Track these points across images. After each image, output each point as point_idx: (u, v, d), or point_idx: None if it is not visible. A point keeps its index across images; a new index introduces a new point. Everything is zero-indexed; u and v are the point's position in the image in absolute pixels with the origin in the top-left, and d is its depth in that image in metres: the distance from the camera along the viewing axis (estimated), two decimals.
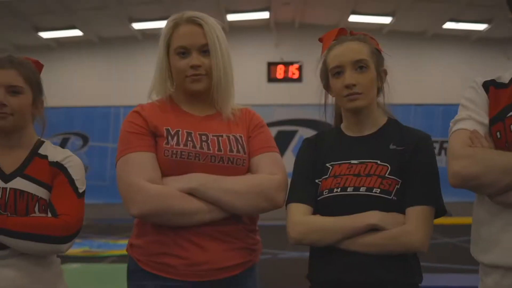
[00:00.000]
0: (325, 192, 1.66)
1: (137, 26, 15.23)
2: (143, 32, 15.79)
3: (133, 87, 16.32)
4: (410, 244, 1.57)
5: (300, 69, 16.26)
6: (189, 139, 1.69)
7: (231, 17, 15.17)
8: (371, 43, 1.73)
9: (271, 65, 16.22)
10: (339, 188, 1.64)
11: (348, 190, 1.63)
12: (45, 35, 15.27)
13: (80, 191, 1.71)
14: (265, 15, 15.27)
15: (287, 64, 16.18)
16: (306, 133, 14.32)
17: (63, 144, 15.41)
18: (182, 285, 1.66)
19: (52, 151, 1.75)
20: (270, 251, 8.53)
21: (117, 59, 16.22)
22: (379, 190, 1.61)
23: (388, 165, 1.63)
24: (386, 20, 15.18)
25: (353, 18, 15.21)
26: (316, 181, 1.68)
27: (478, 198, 1.59)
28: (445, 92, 13.78)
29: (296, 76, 16.23)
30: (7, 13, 13.50)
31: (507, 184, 1.46)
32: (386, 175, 1.63)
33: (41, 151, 1.74)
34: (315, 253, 1.69)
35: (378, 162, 1.64)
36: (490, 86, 1.62)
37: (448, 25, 15.23)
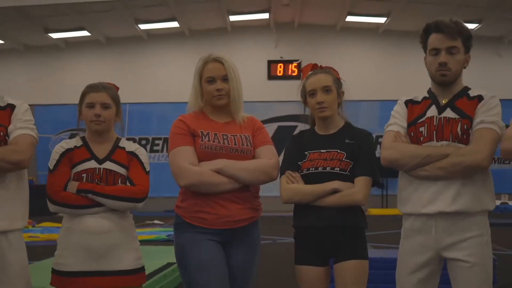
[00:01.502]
0: (305, 170, 2.62)
1: (143, 27, 16.09)
2: (148, 32, 16.68)
3: (138, 85, 17.19)
4: (356, 200, 2.54)
5: (299, 66, 17.07)
6: (216, 137, 2.65)
7: (233, 18, 16.03)
8: (334, 74, 2.70)
9: (271, 63, 17.09)
10: (313, 168, 2.61)
11: (319, 169, 2.60)
12: (54, 35, 16.13)
13: (147, 170, 2.68)
14: (265, 16, 16.12)
15: (286, 62, 17.04)
16: (305, 128, 15.22)
17: None
18: (212, 231, 2.61)
19: (127, 144, 2.72)
20: (270, 237, 9.56)
21: (123, 58, 17.04)
22: (338, 169, 2.58)
23: (344, 153, 2.60)
24: (381, 20, 16.08)
25: (349, 18, 16.09)
26: (298, 163, 2.65)
27: (401, 173, 2.56)
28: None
29: (295, 73, 17.00)
30: (19, 16, 14.36)
31: (415, 165, 2.43)
32: (343, 159, 2.59)
33: (120, 144, 2.71)
34: (297, 209, 2.65)
35: (338, 151, 2.61)
36: (408, 103, 2.60)
37: None
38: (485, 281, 2.39)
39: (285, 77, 16.80)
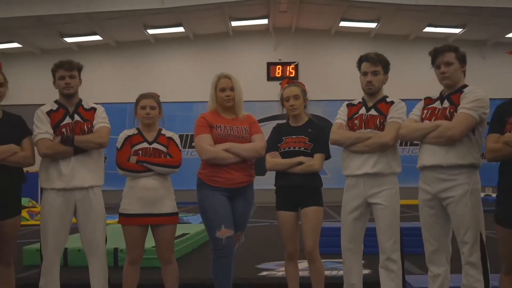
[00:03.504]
0: (282, 149, 4.12)
1: (151, 31, 17.57)
2: (155, 36, 18.18)
3: (146, 85, 18.51)
4: (315, 169, 4.04)
5: (296, 68, 18.64)
6: (225, 128, 4.13)
7: (234, 24, 17.54)
8: (301, 86, 4.20)
9: (271, 65, 18.70)
10: (287, 148, 4.10)
11: (291, 149, 4.09)
12: (68, 40, 17.65)
13: (180, 148, 4.18)
14: (264, 21, 17.61)
15: (284, 64, 18.67)
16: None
17: None
18: (221, 189, 4.06)
19: (166, 132, 4.20)
20: (268, 221, 11.15)
21: (132, 61, 18.62)
22: (303, 148, 4.07)
23: (307, 138, 4.09)
24: (372, 25, 17.55)
25: (343, 24, 17.59)
26: (278, 145, 4.14)
27: (343, 149, 4.04)
28: (427, 88, 15.91)
29: (293, 74, 18.59)
30: (37, 23, 15.88)
31: (350, 143, 3.92)
32: (307, 142, 4.08)
33: (162, 132, 4.21)
34: (277, 175, 4.15)
35: (303, 136, 4.10)
36: (348, 105, 4.10)
37: (428, 29, 17.57)
38: (394, 217, 3.88)
39: (284, 78, 17.83)
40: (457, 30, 17.54)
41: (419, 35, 17.95)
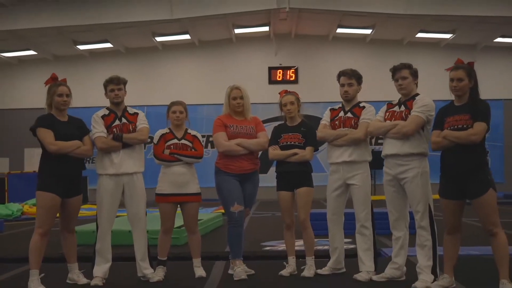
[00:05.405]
0: (281, 144, 5.44)
1: (159, 39, 18.86)
2: (163, 43, 19.48)
3: (154, 89, 20.12)
4: (306, 158, 5.35)
5: (296, 72, 19.90)
6: (237, 127, 5.43)
7: (237, 31, 18.82)
8: (296, 95, 5.52)
9: (272, 70, 19.97)
10: (285, 142, 5.42)
11: (288, 143, 5.41)
12: (81, 47, 18.96)
13: (202, 144, 5.52)
14: (265, 28, 18.86)
15: (285, 69, 19.93)
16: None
17: None
18: (234, 175, 5.35)
19: (191, 131, 5.52)
20: (270, 212, 12.49)
21: (141, 66, 19.86)
22: (297, 142, 5.39)
23: (300, 134, 5.40)
24: (367, 31, 18.84)
25: (340, 30, 18.89)
26: (277, 140, 5.46)
27: (327, 143, 5.36)
28: (419, 89, 17.09)
29: (293, 78, 19.88)
30: (54, 32, 17.18)
31: (332, 139, 5.25)
32: (300, 138, 5.40)
33: (188, 131, 5.53)
34: (278, 163, 5.45)
35: (297, 133, 5.42)
36: (331, 110, 5.43)
37: (420, 34, 18.84)
38: (366, 194, 5.20)
39: (284, 81, 19.53)
40: (447, 35, 18.80)
41: (412, 40, 19.21)
